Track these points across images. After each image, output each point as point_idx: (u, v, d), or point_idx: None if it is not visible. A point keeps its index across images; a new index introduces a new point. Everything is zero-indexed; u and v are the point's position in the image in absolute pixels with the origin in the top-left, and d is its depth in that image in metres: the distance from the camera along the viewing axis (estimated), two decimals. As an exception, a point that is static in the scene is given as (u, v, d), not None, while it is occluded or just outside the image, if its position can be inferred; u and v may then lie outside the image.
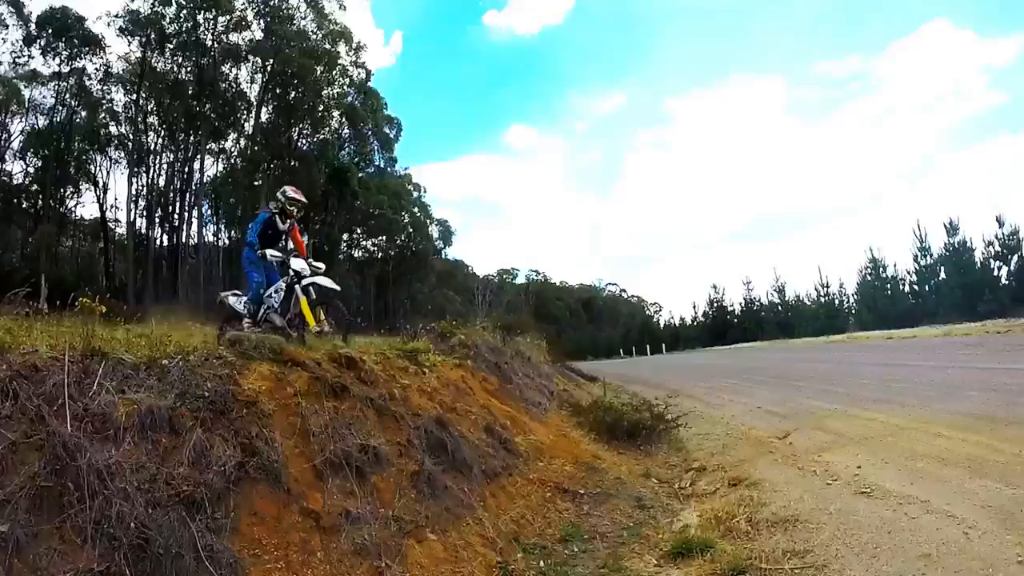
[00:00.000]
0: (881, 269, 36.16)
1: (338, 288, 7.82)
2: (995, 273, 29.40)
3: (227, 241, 43.74)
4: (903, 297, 33.81)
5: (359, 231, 51.57)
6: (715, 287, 54.77)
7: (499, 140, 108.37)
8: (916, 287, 33.62)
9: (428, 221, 56.03)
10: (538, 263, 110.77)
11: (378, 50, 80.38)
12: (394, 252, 52.39)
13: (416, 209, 53.57)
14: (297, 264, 7.20)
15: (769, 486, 5.84)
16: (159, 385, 3.74)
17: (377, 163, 50.15)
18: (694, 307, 62.00)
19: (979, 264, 29.94)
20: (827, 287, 41.82)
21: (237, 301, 7.48)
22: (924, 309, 30.32)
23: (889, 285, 35.48)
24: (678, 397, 12.44)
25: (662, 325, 68.22)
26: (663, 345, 54.66)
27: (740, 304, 51.52)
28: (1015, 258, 28.62)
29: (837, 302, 41.23)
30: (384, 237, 51.88)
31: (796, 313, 43.65)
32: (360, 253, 53.22)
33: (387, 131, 48.94)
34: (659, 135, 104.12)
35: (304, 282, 7.17)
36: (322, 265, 7.46)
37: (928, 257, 32.76)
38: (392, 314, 39.81)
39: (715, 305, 53.91)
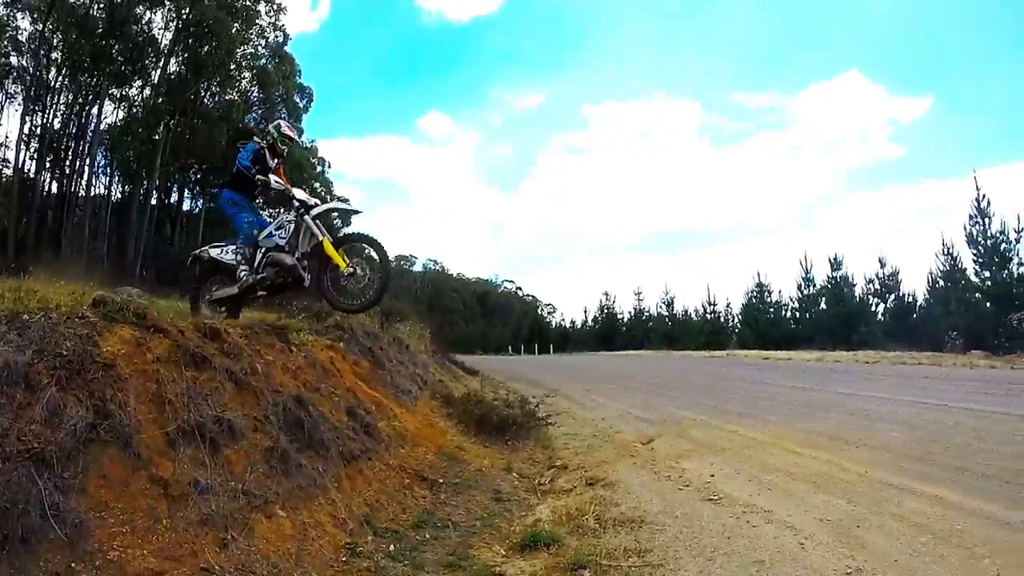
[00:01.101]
0: (766, 293, 38.75)
1: (360, 211, 7.29)
2: (872, 308, 32.18)
3: (119, 196, 40.84)
4: (784, 321, 36.35)
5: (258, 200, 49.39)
6: (607, 294, 56.65)
7: (414, 124, 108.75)
8: (797, 313, 36.26)
9: (329, 198, 54.57)
10: (437, 253, 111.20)
11: (303, 14, 76.44)
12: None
13: (318, 184, 51.95)
14: (301, 194, 6.74)
15: (623, 488, 6.27)
16: (18, 340, 3.75)
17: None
18: (585, 311, 63.97)
19: (858, 298, 32.67)
20: (714, 305, 44.18)
21: (223, 252, 6.90)
22: (803, 334, 32.64)
23: (772, 309, 38.05)
24: (555, 396, 12.96)
25: (553, 326, 69.55)
26: (551, 346, 55.95)
27: (630, 313, 53.52)
28: (892, 297, 31.45)
29: (722, 319, 43.71)
30: (282, 209, 49.91)
31: (682, 326, 45.74)
32: (257, 223, 50.89)
33: (297, 100, 46.69)
34: (573, 139, 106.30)
35: (314, 212, 6.67)
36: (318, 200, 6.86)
37: (811, 287, 35.44)
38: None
39: (605, 312, 55.73)
